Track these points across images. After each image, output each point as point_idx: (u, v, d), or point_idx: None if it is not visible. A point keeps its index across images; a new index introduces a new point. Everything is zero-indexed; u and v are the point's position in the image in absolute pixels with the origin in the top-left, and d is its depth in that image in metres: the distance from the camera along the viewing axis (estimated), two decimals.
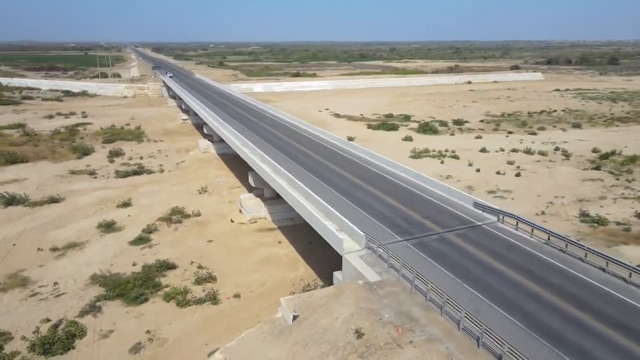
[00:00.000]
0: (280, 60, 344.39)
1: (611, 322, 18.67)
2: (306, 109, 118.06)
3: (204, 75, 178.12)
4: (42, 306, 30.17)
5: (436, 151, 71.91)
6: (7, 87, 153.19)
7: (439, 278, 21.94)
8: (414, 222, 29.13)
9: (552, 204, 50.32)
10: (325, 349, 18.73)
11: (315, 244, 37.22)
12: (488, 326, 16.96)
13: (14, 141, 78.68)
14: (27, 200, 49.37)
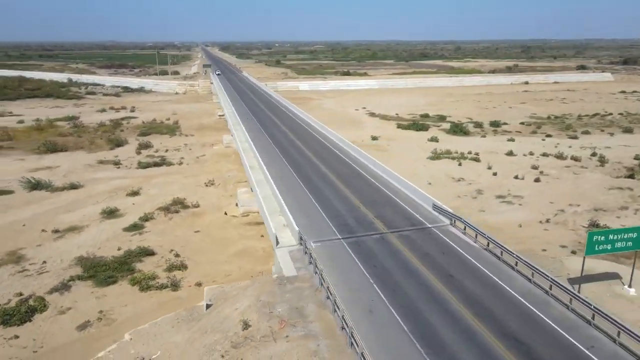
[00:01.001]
0: (338, 59, 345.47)
1: (504, 334, 17.66)
2: (343, 107, 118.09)
3: (254, 73, 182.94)
4: (24, 282, 32.98)
5: (458, 153, 69.56)
6: (75, 83, 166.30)
7: (353, 277, 21.71)
8: (365, 221, 28.81)
9: (563, 212, 47.28)
10: (217, 337, 19.27)
11: None
12: (378, 328, 16.67)
13: (62, 132, 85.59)
14: (51, 186, 53.72)
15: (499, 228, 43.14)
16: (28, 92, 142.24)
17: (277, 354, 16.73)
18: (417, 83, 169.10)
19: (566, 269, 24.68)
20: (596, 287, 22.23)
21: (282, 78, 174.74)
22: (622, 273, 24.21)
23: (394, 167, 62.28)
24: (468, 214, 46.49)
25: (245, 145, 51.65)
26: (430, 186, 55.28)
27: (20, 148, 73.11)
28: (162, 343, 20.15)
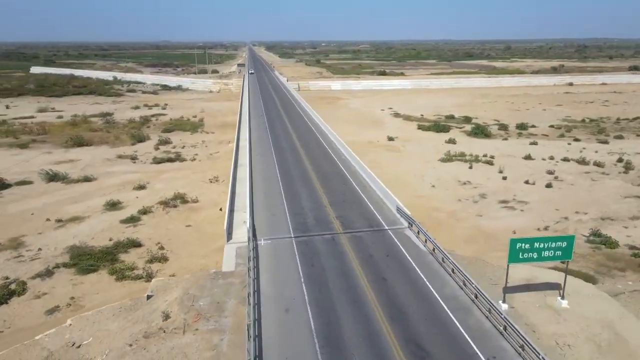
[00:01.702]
0: (380, 59, 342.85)
1: (408, 340, 17.32)
2: (370, 107, 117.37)
3: (289, 73, 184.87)
4: (15, 266, 35.27)
5: (472, 155, 67.70)
6: (119, 81, 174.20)
7: (285, 275, 21.93)
8: (323, 220, 28.88)
9: (566, 220, 45.20)
10: (141, 327, 20.05)
11: None
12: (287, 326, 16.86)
13: (94, 127, 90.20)
14: (66, 178, 56.88)
15: (491, 234, 41.91)
16: (75, 90, 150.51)
17: (179, 345, 17.24)
18: (453, 83, 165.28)
19: (510, 277, 23.63)
20: (530, 296, 21.24)
21: (315, 77, 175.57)
22: (568, 283, 22.85)
23: (402, 168, 61.79)
24: (465, 218, 45.49)
25: (244, 143, 52.67)
26: (433, 189, 54.35)
27: (51, 142, 77.68)
28: (97, 330, 21.16)
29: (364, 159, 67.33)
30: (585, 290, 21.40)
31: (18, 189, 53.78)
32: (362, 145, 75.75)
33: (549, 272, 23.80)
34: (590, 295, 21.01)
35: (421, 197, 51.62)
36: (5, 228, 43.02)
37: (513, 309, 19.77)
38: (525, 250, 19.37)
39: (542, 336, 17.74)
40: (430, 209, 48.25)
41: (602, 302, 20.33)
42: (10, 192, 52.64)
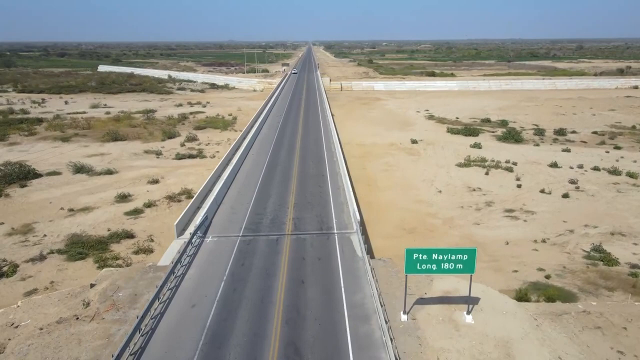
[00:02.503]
0: (435, 59, 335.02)
1: (288, 343, 17.38)
2: (406, 108, 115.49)
3: (335, 72, 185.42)
4: (17, 250, 38.49)
5: (494, 161, 65.08)
6: (173, 80, 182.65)
7: (212, 272, 22.66)
8: (278, 221, 29.29)
9: (571, 233, 42.63)
10: (69, 313, 21.53)
11: None
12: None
13: (134, 123, 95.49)
14: (91, 170, 60.87)
15: (481, 243, 40.41)
16: (130, 87, 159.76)
17: (79, 332, 18.41)
18: (502, 85, 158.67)
19: (436, 288, 22.73)
20: (440, 309, 20.41)
21: (360, 78, 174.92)
22: (489, 298, 21.57)
23: (415, 172, 60.69)
24: (460, 225, 44.17)
25: (245, 142, 53.96)
26: (438, 194, 53.03)
27: (92, 136, 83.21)
28: (38, 313, 22.92)
29: (379, 161, 66.98)
30: (501, 307, 20.34)
31: (46, 179, 58.27)
32: (383, 147, 75.07)
33: (478, 285, 22.77)
34: (504, 312, 19.94)
35: (421, 202, 50.56)
36: (23, 214, 46.91)
37: (414, 320, 19.24)
38: (423, 261, 18.69)
39: (426, 350, 17.16)
40: (427, 214, 47.21)
41: (512, 320, 19.25)
42: (39, 182, 57.16)
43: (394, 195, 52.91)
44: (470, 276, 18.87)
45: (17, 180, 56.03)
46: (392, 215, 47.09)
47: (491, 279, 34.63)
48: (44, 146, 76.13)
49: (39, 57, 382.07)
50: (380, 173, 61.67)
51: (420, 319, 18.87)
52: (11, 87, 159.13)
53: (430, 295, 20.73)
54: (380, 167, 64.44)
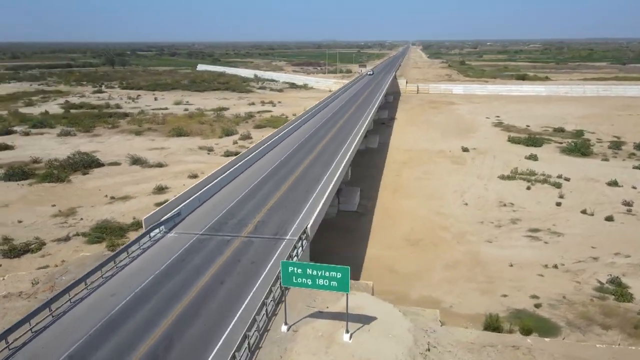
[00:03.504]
0: (537, 60, 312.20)
1: (160, 345, 18.41)
2: (475, 114, 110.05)
3: (417, 74, 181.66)
4: (53, 230, 43.97)
5: (544, 175, 60.18)
6: (258, 79, 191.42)
7: (150, 267, 24.57)
8: (243, 223, 30.37)
9: (594, 260, 38.74)
10: (22, 290, 24.79)
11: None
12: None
13: (203, 120, 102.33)
14: (145, 163, 66.84)
15: (484, 262, 38.33)
16: (216, 85, 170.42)
17: (10, 307, 21.10)
18: (600, 91, 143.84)
19: (339, 304, 22.02)
20: (327, 325, 19.77)
21: (440, 80, 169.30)
22: (387, 319, 20.30)
23: (449, 182, 58.60)
24: (470, 242, 42.22)
25: (270, 141, 55.42)
26: (464, 207, 50.66)
27: (161, 131, 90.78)
28: (12, 287, 26.57)
29: (418, 168, 65.32)
30: (393, 330, 19.44)
31: (106, 169, 65.16)
32: (430, 154, 72.81)
33: (385, 305, 21.83)
34: (391, 335, 19.07)
35: (441, 214, 48.66)
36: (74, 199, 53.17)
37: (295, 332, 19.24)
38: (298, 275, 18.46)
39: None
40: (439, 227, 45.45)
41: (393, 345, 18.33)
42: (99, 171, 64.13)
43: (415, 205, 51.46)
44: (347, 295, 18.48)
45: (81, 168, 63.40)
46: (402, 225, 46.04)
47: (472, 301, 32.85)
48: (119, 139, 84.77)
49: (153, 56, 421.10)
50: (413, 181, 60.13)
51: (301, 332, 18.91)
52: (118, 84, 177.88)
53: (330, 310, 20.60)
54: (417, 174, 62.73)
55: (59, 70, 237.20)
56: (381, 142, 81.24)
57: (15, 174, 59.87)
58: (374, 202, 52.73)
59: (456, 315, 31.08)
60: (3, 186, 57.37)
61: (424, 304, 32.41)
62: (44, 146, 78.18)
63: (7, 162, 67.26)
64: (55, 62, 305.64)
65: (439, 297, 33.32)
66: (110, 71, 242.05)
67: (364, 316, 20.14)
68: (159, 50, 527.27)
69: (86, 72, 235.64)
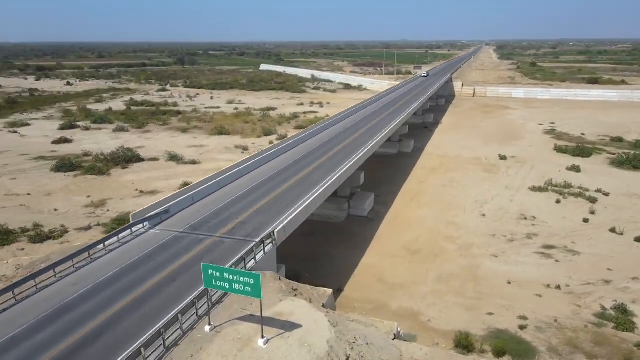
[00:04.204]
0: (619, 63, 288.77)
1: (85, 341, 19.69)
2: (529, 119, 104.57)
3: (478, 76, 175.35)
4: (80, 219, 47.74)
5: (581, 189, 56.26)
6: (313, 79, 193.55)
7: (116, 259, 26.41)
8: (223, 223, 31.39)
9: (605, 283, 36.13)
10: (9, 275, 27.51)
11: None
12: None
13: (249, 119, 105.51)
14: (181, 160, 70.39)
15: (483, 277, 36.93)
16: (272, 85, 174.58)
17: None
18: None
19: (277, 310, 21.95)
20: (253, 328, 20.10)
21: (500, 83, 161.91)
22: (312, 328, 19.97)
23: (473, 191, 56.75)
24: (474, 255, 40.79)
25: (289, 142, 56.10)
26: (480, 218, 48.76)
27: (206, 129, 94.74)
28: (8, 269, 29.56)
29: (445, 175, 63.58)
30: (313, 339, 19.37)
31: (145, 164, 69.39)
32: (463, 161, 70.39)
33: (317, 313, 21.69)
34: (307, 344, 18.98)
35: (452, 225, 47.14)
36: (108, 191, 57.29)
37: (217, 333, 19.81)
38: (217, 278, 18.88)
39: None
40: (446, 238, 44.09)
41: (305, 353, 18.26)
42: (138, 166, 68.44)
43: (429, 213, 50.17)
44: (260, 301, 18.79)
45: (122, 163, 68.03)
46: (408, 234, 45.17)
47: (454, 316, 31.75)
48: (165, 136, 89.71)
49: (223, 56, 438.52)
50: (436, 188, 58.54)
51: (222, 334, 19.49)
52: (182, 82, 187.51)
53: (266, 315, 21.07)
54: (442, 182, 60.96)
55: (134, 69, 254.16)
56: (417, 147, 79.61)
57: (64, 165, 65.49)
58: (388, 208, 52.06)
59: (431, 330, 30.26)
60: (52, 176, 62.98)
61: (402, 315, 31.92)
62: (98, 140, 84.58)
63: (62, 155, 73.63)
64: (134, 61, 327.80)
65: (420, 309, 32.54)
66: (179, 70, 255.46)
67: (290, 323, 20.41)
68: (230, 50, 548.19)
69: (158, 71, 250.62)
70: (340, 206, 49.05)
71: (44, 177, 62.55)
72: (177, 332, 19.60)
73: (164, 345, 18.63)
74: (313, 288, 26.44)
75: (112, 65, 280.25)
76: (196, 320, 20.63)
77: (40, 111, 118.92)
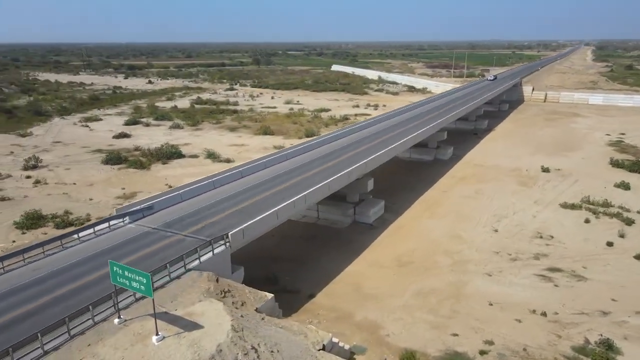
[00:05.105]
0: None
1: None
2: (595, 129, 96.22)
3: (554, 80, 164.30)
4: (106, 209, 52.07)
5: (622, 208, 51.25)
6: (380, 80, 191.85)
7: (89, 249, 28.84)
8: (194, 224, 32.71)
9: (602, 315, 33.19)
10: None
11: None
12: None
13: (298, 120, 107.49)
14: (217, 157, 73.77)
15: (466, 296, 35.42)
16: (337, 86, 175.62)
17: None
18: None
19: (186, 310, 22.32)
20: (153, 325, 20.88)
21: (580, 87, 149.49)
22: (211, 330, 20.16)
23: (496, 205, 54.48)
24: (467, 271, 39.24)
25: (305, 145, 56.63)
26: (492, 233, 46.31)
27: (253, 128, 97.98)
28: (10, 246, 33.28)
29: (473, 186, 61.07)
30: (204, 342, 19.79)
31: (184, 160, 73.60)
32: (500, 172, 66.65)
33: (221, 313, 22.01)
34: (197, 345, 19.42)
35: (457, 238, 45.18)
36: (140, 184, 61.67)
37: (125, 327, 20.96)
38: (121, 275, 19.83)
39: (84, 352, 19.06)
40: (443, 251, 42.40)
41: (190, 353, 18.75)
42: (177, 162, 72.77)
43: (438, 225, 48.35)
44: (152, 300, 19.73)
45: (163, 158, 72.77)
46: (406, 244, 43.99)
47: (416, 333, 30.70)
48: (214, 134, 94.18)
49: (300, 56, 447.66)
50: (457, 199, 56.14)
51: (127, 327, 20.63)
52: (250, 82, 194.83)
53: (175, 313, 22.07)
54: (467, 192, 58.26)
55: (212, 69, 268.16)
56: (456, 155, 76.53)
57: (112, 158, 71.46)
58: (398, 216, 50.93)
59: (385, 345, 29.54)
60: (100, 168, 69.02)
61: (362, 327, 31.47)
62: (152, 136, 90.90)
63: (116, 149, 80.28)
64: (216, 61, 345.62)
65: (384, 323, 31.80)
66: (254, 70, 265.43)
67: (194, 324, 21.26)
68: (310, 50, 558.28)
69: (234, 70, 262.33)
70: (346, 212, 48.89)
71: (93, 169, 68.73)
72: (89, 322, 21.23)
73: (69, 333, 20.29)
74: (252, 292, 27.00)
75: (195, 65, 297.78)
76: (114, 312, 22.15)
77: (115, 107, 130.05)
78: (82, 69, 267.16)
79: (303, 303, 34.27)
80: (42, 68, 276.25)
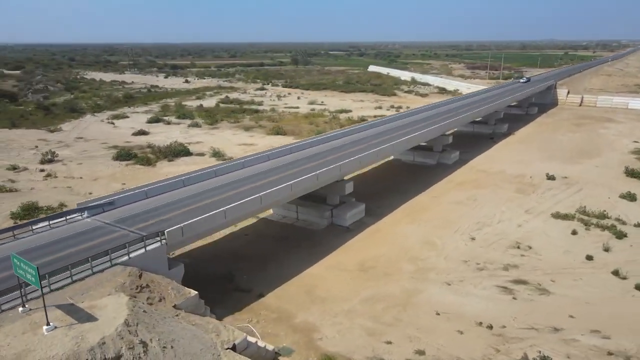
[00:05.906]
0: None
1: None
2: (622, 135, 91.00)
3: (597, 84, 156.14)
4: None
5: (619, 221, 48.36)
6: (412, 82, 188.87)
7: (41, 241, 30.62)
8: (145, 220, 33.80)
9: (553, 331, 31.65)
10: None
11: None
12: None
13: (315, 121, 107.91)
14: (222, 156, 75.45)
15: (414, 304, 34.76)
16: (368, 87, 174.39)
17: None
18: None
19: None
20: (52, 316, 21.81)
21: (623, 91, 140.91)
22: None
23: (483, 212, 52.98)
24: (427, 279, 38.49)
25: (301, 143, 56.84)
26: (467, 241, 44.96)
27: (267, 128, 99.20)
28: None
29: (468, 192, 59.67)
30: (90, 336, 20.54)
31: (190, 158, 75.77)
32: (500, 178, 64.38)
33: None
34: (81, 338, 20.15)
35: (429, 244, 44.20)
36: (141, 180, 63.69)
37: (26, 316, 22.14)
38: (20, 267, 20.83)
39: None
40: (410, 258, 41.61)
41: (71, 346, 19.52)
42: (183, 159, 75.01)
43: (415, 230, 47.38)
44: (41, 290, 20.82)
45: (169, 156, 75.24)
46: (376, 249, 43.41)
47: (349, 339, 30.47)
48: (228, 133, 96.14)
49: (342, 56, 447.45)
50: (446, 205, 54.71)
51: (30, 317, 21.84)
52: (282, 82, 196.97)
53: (81, 306, 23.00)
54: (459, 198, 56.63)
55: (250, 69, 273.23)
56: (462, 159, 74.39)
57: (122, 155, 74.69)
58: (378, 220, 50.31)
59: (313, 349, 29.49)
60: (109, 164, 72.33)
61: (298, 329, 31.54)
62: (168, 134, 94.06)
63: (131, 145, 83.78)
64: (256, 60, 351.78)
65: (320, 327, 31.70)
66: (290, 70, 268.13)
67: (90, 316, 22.22)
68: (353, 50, 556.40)
69: (272, 70, 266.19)
70: (323, 214, 48.88)
71: (103, 164, 72.14)
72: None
73: None
74: (176, 288, 27.71)
75: (235, 65, 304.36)
76: (26, 301, 23.47)
77: (146, 105, 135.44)
78: (128, 69, 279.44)
79: (250, 302, 34.71)
80: (92, 67, 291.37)
